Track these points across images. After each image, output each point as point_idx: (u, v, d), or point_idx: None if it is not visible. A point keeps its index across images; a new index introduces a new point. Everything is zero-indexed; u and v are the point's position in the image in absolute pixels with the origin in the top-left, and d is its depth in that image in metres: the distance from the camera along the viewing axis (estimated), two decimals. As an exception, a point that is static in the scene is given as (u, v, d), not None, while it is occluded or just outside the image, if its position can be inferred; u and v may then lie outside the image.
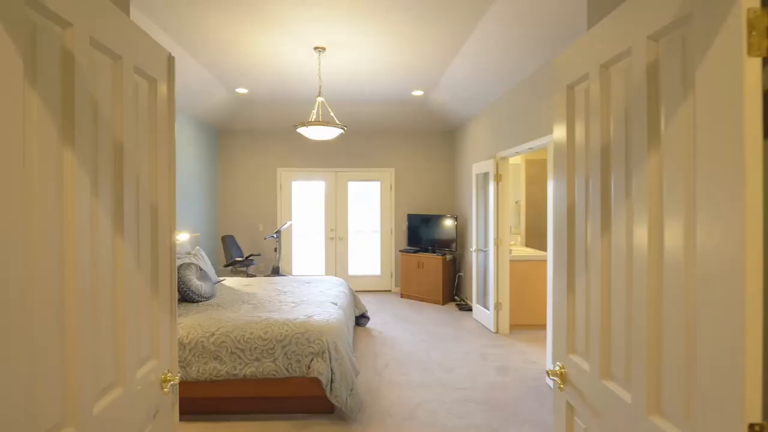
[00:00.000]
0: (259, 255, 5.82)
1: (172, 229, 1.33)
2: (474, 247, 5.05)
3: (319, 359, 2.60)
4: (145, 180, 1.19)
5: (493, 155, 4.67)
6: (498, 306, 4.46)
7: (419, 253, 5.83)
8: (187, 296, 3.29)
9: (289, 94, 5.03)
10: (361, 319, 4.58)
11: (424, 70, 4.19)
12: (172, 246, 1.33)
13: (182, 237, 4.58)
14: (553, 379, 1.40)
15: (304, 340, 2.65)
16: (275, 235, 5.44)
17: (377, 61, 3.91)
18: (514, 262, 4.57)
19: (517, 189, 5.84)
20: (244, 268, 5.57)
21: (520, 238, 5.81)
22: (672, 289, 0.90)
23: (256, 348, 2.62)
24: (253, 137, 6.30)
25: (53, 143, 0.82)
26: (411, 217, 6.17)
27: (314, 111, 3.62)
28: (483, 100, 4.77)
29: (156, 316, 1.25)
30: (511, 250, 4.63)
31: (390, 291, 6.48)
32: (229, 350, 2.61)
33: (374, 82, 4.55)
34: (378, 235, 6.50)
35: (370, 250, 6.53)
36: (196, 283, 3.36)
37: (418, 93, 5.03)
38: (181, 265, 3.39)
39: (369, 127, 6.23)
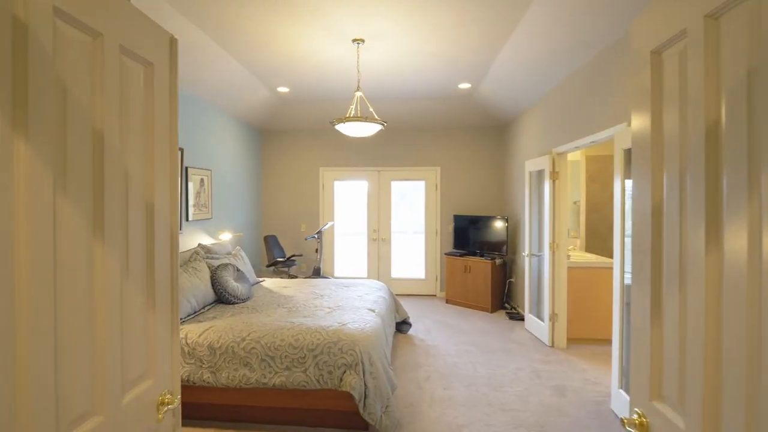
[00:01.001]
0: (300, 255, 5.78)
1: (174, 232, 1.19)
2: (527, 252, 4.64)
3: (352, 372, 2.41)
4: (138, 176, 1.05)
5: (548, 151, 4.25)
6: (553, 317, 4.04)
7: (466, 257, 5.50)
8: (223, 297, 3.25)
9: (329, 92, 4.92)
10: (402, 326, 4.35)
11: (471, 60, 3.88)
12: (173, 250, 1.19)
13: (224, 237, 4.61)
14: (630, 431, 1.09)
15: (337, 350, 2.47)
16: (316, 236, 5.36)
17: (419, 53, 3.66)
18: (573, 269, 4.13)
19: (575, 188, 5.33)
20: (285, 269, 5.55)
21: (579, 242, 5.30)
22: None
23: (286, 356, 2.48)
24: (295, 137, 6.29)
25: (-4, 131, 0.68)
26: (457, 218, 5.84)
27: (352, 106, 3.44)
28: (537, 90, 4.36)
29: (152, 330, 1.10)
30: (569, 256, 4.19)
31: (435, 296, 6.20)
32: (259, 357, 2.49)
33: (417, 75, 4.31)
34: (422, 237, 6.24)
35: (414, 253, 6.29)
36: (232, 284, 3.31)
37: (465, 86, 4.71)
38: (218, 266, 3.36)
39: (413, 123, 5.99)
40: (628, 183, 2.80)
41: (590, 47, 3.18)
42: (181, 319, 2.79)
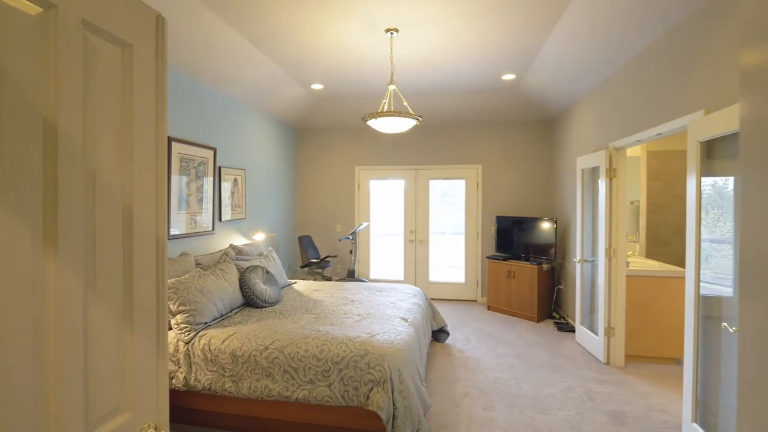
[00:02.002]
0: (335, 257, 5.65)
1: (160, 240, 1.03)
2: (578, 257, 4.22)
3: (380, 389, 2.20)
4: (111, 176, 0.89)
5: (604, 145, 3.82)
6: (609, 331, 3.62)
7: (510, 261, 5.13)
8: (251, 301, 3.15)
9: (363, 89, 4.74)
10: (439, 334, 4.09)
11: (515, 48, 3.55)
12: (160, 262, 1.03)
13: (258, 237, 4.56)
14: None
15: (364, 365, 2.27)
16: (351, 237, 5.21)
17: (458, 42, 3.38)
18: (632, 278, 3.68)
19: (634, 187, 4.81)
20: (320, 270, 5.45)
21: (639, 247, 4.78)
22: None
23: (310, 369, 2.31)
24: (331, 135, 6.18)
25: None
26: (500, 219, 5.47)
27: (385, 101, 3.22)
28: (591, 77, 3.93)
29: (131, 356, 0.95)
30: (627, 262, 3.74)
31: (475, 301, 5.86)
32: (282, 368, 2.34)
33: (456, 66, 4.02)
34: (462, 239, 5.92)
35: (453, 255, 5.99)
36: (260, 287, 3.21)
37: (509, 77, 4.36)
38: (247, 268, 3.27)
39: (452, 119, 5.69)
40: (706, 181, 2.38)
41: (657, 25, 2.76)
42: (206, 323, 2.71)
